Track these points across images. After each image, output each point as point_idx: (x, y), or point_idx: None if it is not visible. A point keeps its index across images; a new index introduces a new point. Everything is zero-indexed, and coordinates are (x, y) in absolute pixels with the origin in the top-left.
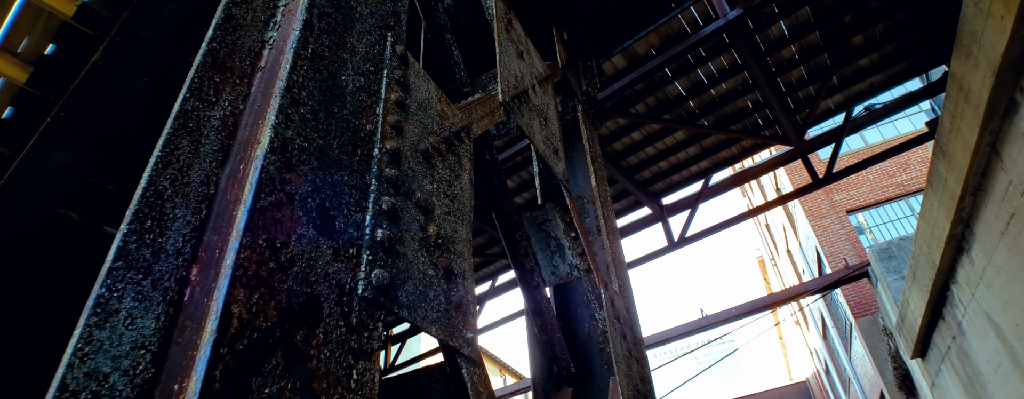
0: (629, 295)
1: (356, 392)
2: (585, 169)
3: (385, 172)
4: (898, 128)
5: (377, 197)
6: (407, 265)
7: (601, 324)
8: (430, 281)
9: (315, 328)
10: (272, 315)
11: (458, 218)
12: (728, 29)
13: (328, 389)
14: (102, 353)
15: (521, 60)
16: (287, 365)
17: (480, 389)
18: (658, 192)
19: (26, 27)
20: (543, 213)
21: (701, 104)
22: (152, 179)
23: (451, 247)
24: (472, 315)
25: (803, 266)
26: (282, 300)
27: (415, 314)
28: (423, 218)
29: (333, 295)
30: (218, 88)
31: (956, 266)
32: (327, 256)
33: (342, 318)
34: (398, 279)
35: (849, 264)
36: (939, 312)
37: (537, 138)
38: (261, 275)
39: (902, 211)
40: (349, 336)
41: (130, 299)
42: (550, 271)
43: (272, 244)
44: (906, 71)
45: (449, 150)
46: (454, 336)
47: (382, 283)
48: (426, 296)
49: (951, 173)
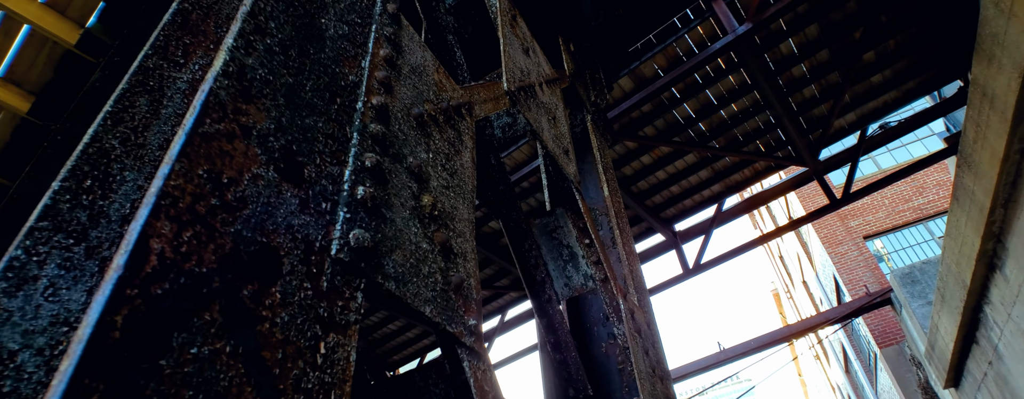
0: (649, 310)
1: (323, 370)
2: (596, 179)
3: (370, 128)
4: (911, 152)
5: (359, 152)
6: (395, 233)
7: (620, 340)
8: (424, 255)
9: (270, 285)
10: (210, 260)
11: (458, 195)
12: (737, 45)
13: (284, 361)
14: (9, 326)
15: (527, 56)
16: (226, 324)
17: (486, 388)
18: (670, 218)
19: (30, 57)
20: (553, 219)
21: (711, 126)
22: (97, 135)
23: (450, 224)
24: (474, 302)
25: (820, 296)
26: (226, 245)
27: (405, 289)
28: (416, 186)
29: (297, 251)
30: (188, 50)
31: (989, 285)
32: (292, 205)
33: (308, 279)
34: (384, 246)
35: (870, 291)
36: (972, 336)
37: (546, 134)
38: (198, 210)
39: (921, 236)
40: (317, 302)
41: (54, 266)
42: (563, 283)
43: (216, 177)
44: (920, 87)
45: (447, 123)
46: (453, 321)
47: (362, 246)
48: (419, 271)
49: (978, 185)
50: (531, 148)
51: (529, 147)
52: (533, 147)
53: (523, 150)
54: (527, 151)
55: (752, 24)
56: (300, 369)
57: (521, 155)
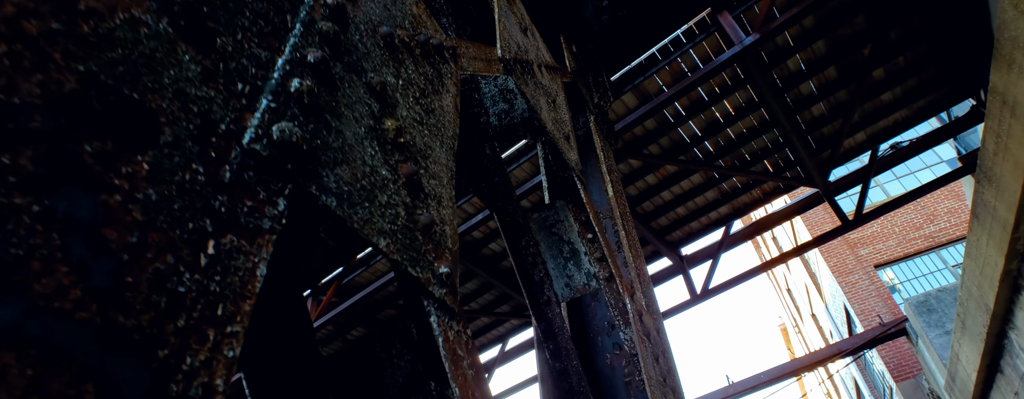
0: (658, 315)
1: (208, 275)
2: (600, 181)
3: (319, 24)
4: (920, 180)
5: (300, 45)
6: (343, 145)
7: (627, 346)
8: (382, 183)
9: (135, 152)
10: (31, 93)
11: (434, 136)
12: (743, 58)
13: (139, 247)
14: None
15: (524, 35)
16: (44, 177)
17: (459, 352)
18: (677, 241)
19: None
20: (553, 213)
21: (717, 145)
22: None
23: (421, 161)
24: (448, 251)
25: (830, 328)
26: (65, 83)
27: (352, 211)
28: (377, 106)
29: (185, 122)
30: None
31: (1013, 308)
32: (189, 71)
33: (201, 162)
34: (324, 154)
35: (883, 321)
36: (996, 365)
37: (545, 114)
38: (24, 28)
39: (933, 264)
40: (212, 192)
41: None
42: (563, 283)
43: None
44: (931, 106)
45: (425, 58)
46: (418, 263)
47: (288, 142)
48: (373, 197)
49: (1000, 200)
50: (532, 166)
51: (531, 165)
52: (535, 165)
53: (524, 168)
54: (529, 169)
55: (759, 35)
56: (167, 264)
57: (523, 173)
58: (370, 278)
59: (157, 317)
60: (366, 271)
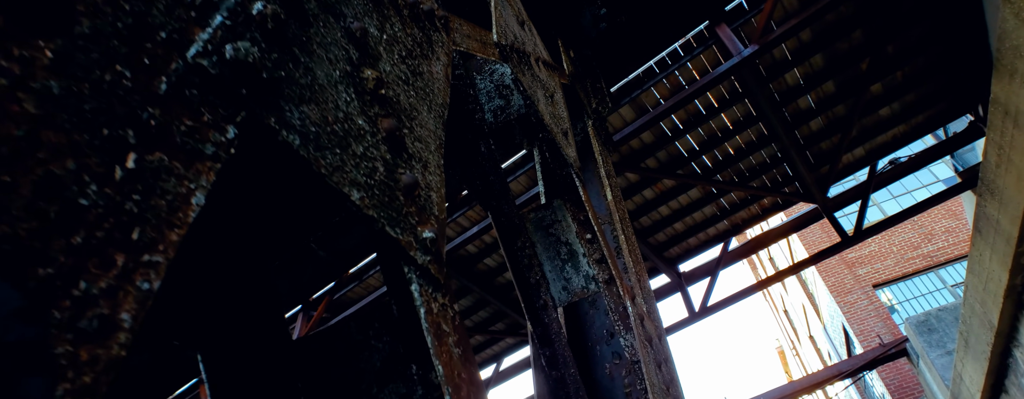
0: (659, 321)
1: (124, 192)
2: (598, 186)
3: None
4: (917, 199)
5: None
6: (312, 82)
7: (628, 353)
8: (358, 132)
9: (33, 34)
10: None
11: (421, 99)
12: (741, 70)
13: (25, 142)
14: None
15: (521, 28)
16: None
17: (444, 327)
18: (674, 258)
19: None
20: (550, 213)
21: (715, 160)
22: None
23: (405, 121)
24: (434, 217)
25: (829, 350)
26: None
27: (320, 155)
28: (356, 53)
29: (110, 18)
30: None
31: (1018, 325)
32: None
33: (129, 66)
34: (288, 88)
35: (883, 341)
36: (1001, 384)
37: (542, 107)
38: None
39: (932, 284)
40: (139, 101)
41: None
42: (561, 286)
43: None
44: (929, 122)
45: (413, 21)
46: (397, 223)
47: (244, 62)
48: (346, 145)
49: (1003, 213)
50: (529, 179)
51: (528, 177)
52: (532, 177)
53: (520, 181)
54: (525, 182)
55: (758, 46)
56: (65, 170)
57: (519, 186)
58: (362, 293)
59: (41, 228)
60: (358, 286)
